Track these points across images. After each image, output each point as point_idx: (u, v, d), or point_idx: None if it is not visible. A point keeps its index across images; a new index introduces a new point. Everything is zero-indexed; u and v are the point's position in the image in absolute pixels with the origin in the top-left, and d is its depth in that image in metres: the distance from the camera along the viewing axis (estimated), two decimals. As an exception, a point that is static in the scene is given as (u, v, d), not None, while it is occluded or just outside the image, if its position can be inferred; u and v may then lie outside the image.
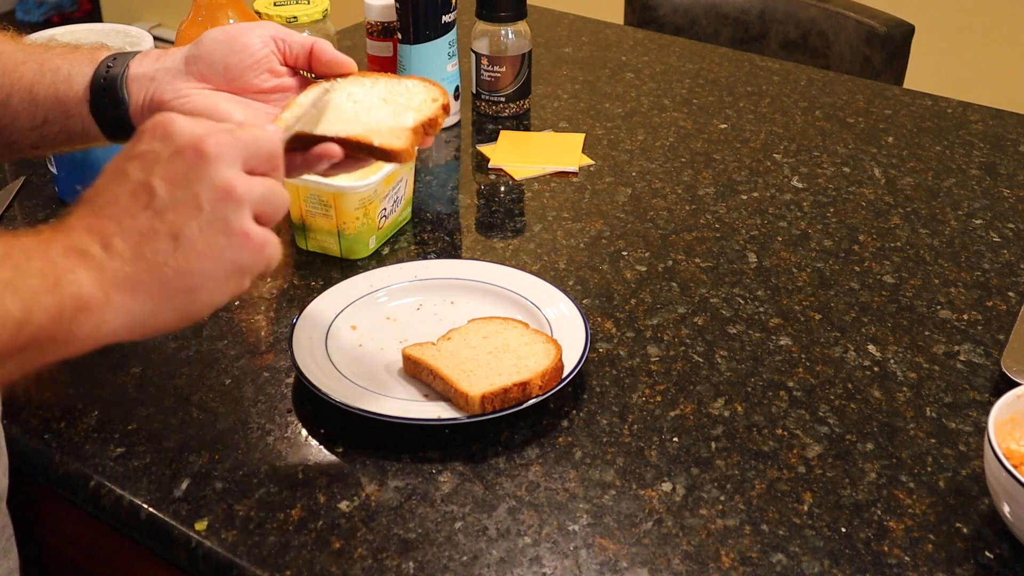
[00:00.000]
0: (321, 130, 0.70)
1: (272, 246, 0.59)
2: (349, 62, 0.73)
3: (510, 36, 1.19)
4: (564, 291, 0.85)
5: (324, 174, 0.71)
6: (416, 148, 0.72)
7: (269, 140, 0.60)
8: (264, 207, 0.58)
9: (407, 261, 0.93)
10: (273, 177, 0.60)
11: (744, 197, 1.06)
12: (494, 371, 0.74)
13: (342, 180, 0.88)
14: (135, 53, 0.73)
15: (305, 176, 0.72)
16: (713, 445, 0.74)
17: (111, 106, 0.71)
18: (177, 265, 0.56)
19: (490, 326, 0.80)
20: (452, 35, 1.16)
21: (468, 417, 0.72)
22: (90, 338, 0.56)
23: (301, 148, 0.68)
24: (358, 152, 0.70)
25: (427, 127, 0.72)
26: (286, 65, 0.73)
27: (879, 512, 0.68)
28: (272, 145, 0.60)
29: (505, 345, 0.77)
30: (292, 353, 0.77)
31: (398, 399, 0.75)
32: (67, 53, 0.73)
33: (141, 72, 0.72)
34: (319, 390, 0.74)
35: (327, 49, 0.73)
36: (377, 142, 0.69)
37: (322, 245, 0.95)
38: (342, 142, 0.69)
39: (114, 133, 0.73)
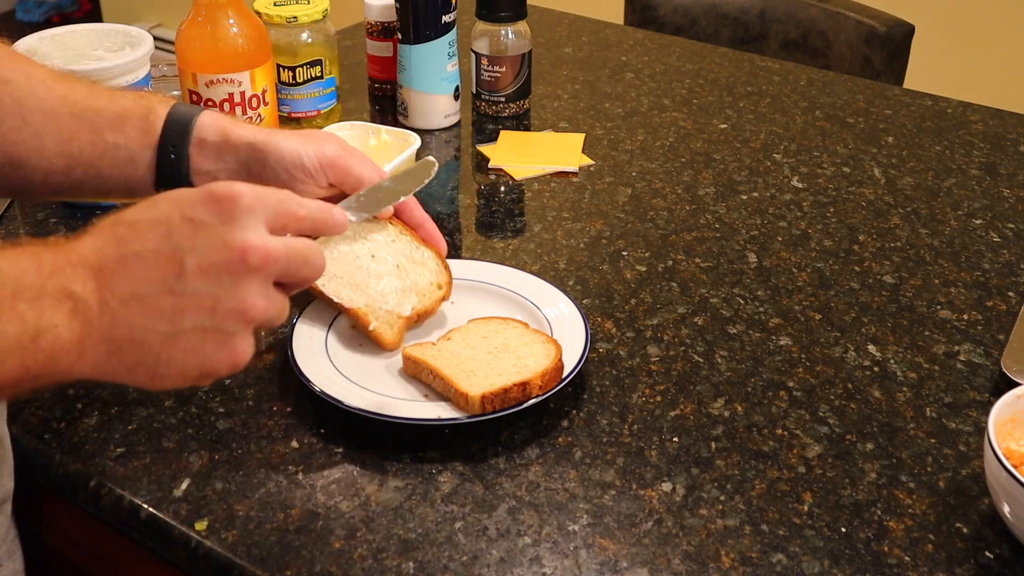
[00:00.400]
0: (330, 291, 0.78)
1: (244, 362, 0.59)
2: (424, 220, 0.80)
3: (510, 36, 1.19)
4: (564, 291, 0.85)
5: None
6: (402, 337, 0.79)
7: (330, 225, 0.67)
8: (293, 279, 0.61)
9: None
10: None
11: (744, 197, 1.06)
12: (494, 371, 0.74)
13: None
14: (188, 129, 0.74)
15: None
16: (713, 445, 0.74)
17: (177, 186, 0.73)
18: (159, 352, 0.56)
19: (490, 326, 0.80)
20: (452, 35, 1.16)
21: (468, 417, 0.72)
22: (53, 381, 0.56)
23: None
24: (353, 318, 0.79)
25: (420, 316, 0.80)
26: (333, 188, 0.77)
27: (879, 512, 0.68)
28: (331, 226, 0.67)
29: (505, 345, 0.77)
30: (292, 353, 0.77)
31: (398, 399, 0.74)
32: (118, 123, 0.73)
33: (205, 170, 0.74)
34: (319, 390, 0.74)
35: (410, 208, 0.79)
36: (372, 327, 0.78)
37: None
38: (337, 304, 0.79)
39: None
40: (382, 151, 1.03)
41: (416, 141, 1.02)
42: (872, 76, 1.50)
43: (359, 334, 0.82)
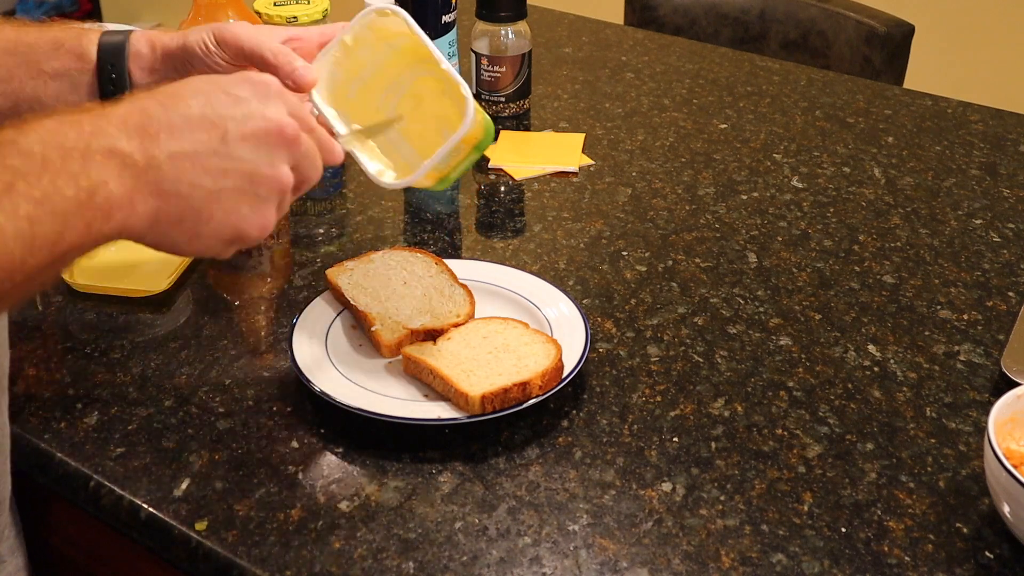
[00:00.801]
0: (350, 294, 0.82)
1: (270, 229, 0.63)
2: (310, 79, 0.74)
3: (510, 36, 1.19)
4: (564, 291, 0.85)
5: None
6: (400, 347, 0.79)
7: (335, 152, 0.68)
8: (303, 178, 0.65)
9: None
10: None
11: (744, 197, 1.06)
12: (494, 371, 0.74)
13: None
14: (123, 48, 0.74)
15: None
16: (713, 445, 0.74)
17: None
18: (201, 208, 0.59)
19: (490, 326, 0.80)
20: (452, 35, 1.16)
21: (468, 417, 0.72)
22: (109, 238, 0.58)
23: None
24: (359, 317, 0.81)
25: (428, 334, 0.80)
26: (242, 65, 0.75)
27: (879, 512, 0.68)
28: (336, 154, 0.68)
29: (505, 345, 0.77)
30: (292, 353, 0.77)
31: (398, 399, 0.74)
32: (53, 52, 0.73)
33: (144, 83, 0.74)
34: (319, 390, 0.74)
35: (279, 68, 0.74)
36: (374, 327, 0.80)
37: None
38: (351, 305, 0.82)
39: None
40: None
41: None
42: (872, 76, 1.50)
43: (359, 334, 0.82)
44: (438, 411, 0.73)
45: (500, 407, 0.72)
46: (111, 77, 0.73)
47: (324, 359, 0.78)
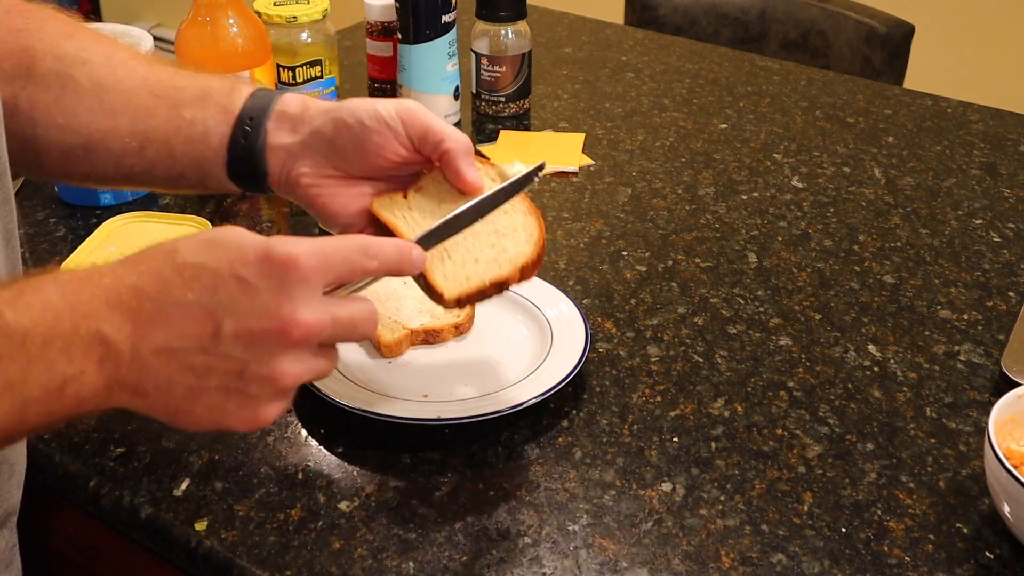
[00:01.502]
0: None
1: (265, 424, 0.58)
2: (478, 184, 0.69)
3: (510, 36, 1.19)
4: (564, 291, 0.85)
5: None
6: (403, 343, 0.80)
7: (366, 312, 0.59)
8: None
9: None
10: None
11: (744, 197, 1.06)
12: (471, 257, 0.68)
13: None
14: (269, 104, 0.70)
15: None
16: (713, 445, 0.74)
17: (249, 174, 0.71)
18: (180, 402, 0.56)
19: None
20: (452, 35, 1.16)
21: (468, 417, 0.72)
22: (73, 419, 0.56)
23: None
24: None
25: (427, 334, 0.80)
26: (412, 147, 0.70)
27: (879, 512, 0.68)
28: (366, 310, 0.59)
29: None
30: None
31: (398, 399, 0.74)
32: (198, 100, 0.71)
33: (279, 144, 0.70)
34: (319, 390, 0.74)
35: (457, 159, 0.68)
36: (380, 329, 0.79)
37: None
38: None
39: (252, 191, 0.73)
40: None
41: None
42: (872, 76, 1.50)
43: None
44: (438, 411, 0.73)
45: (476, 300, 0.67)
46: (246, 131, 0.70)
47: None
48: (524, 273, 0.67)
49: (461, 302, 0.66)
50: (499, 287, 0.67)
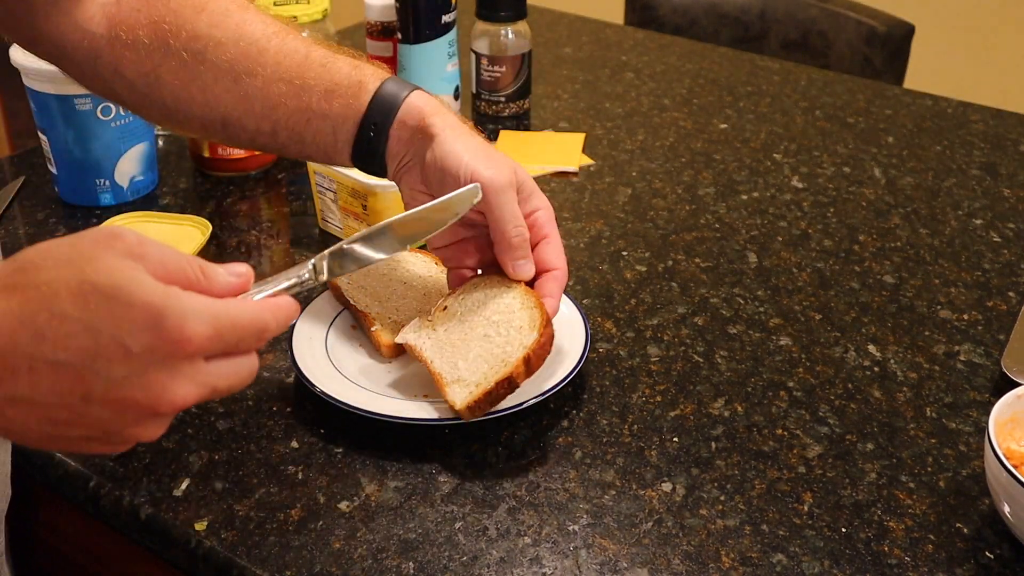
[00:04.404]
0: (349, 295, 0.81)
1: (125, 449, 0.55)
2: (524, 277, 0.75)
3: (510, 36, 1.19)
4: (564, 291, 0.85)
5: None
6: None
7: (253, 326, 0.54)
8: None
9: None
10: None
11: (744, 197, 1.06)
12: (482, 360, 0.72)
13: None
14: (394, 108, 0.73)
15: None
16: (713, 445, 0.74)
17: (371, 169, 0.76)
18: (33, 441, 0.53)
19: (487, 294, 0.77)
20: (452, 35, 1.16)
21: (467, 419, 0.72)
22: None
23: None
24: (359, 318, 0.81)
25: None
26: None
27: (879, 512, 0.68)
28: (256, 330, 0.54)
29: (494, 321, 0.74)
30: (292, 353, 0.77)
31: (398, 399, 0.74)
32: (326, 96, 0.73)
33: (397, 154, 0.74)
34: (319, 390, 0.74)
35: (502, 254, 0.74)
36: (374, 328, 0.79)
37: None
38: (351, 306, 0.81)
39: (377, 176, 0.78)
40: None
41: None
42: (872, 76, 1.50)
43: (359, 334, 0.82)
44: (438, 411, 0.73)
45: (490, 408, 0.71)
46: (370, 136, 0.73)
47: (324, 359, 0.78)
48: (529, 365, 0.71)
49: (473, 410, 0.70)
50: (508, 385, 0.70)
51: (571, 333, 0.80)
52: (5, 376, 0.48)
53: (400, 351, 0.79)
